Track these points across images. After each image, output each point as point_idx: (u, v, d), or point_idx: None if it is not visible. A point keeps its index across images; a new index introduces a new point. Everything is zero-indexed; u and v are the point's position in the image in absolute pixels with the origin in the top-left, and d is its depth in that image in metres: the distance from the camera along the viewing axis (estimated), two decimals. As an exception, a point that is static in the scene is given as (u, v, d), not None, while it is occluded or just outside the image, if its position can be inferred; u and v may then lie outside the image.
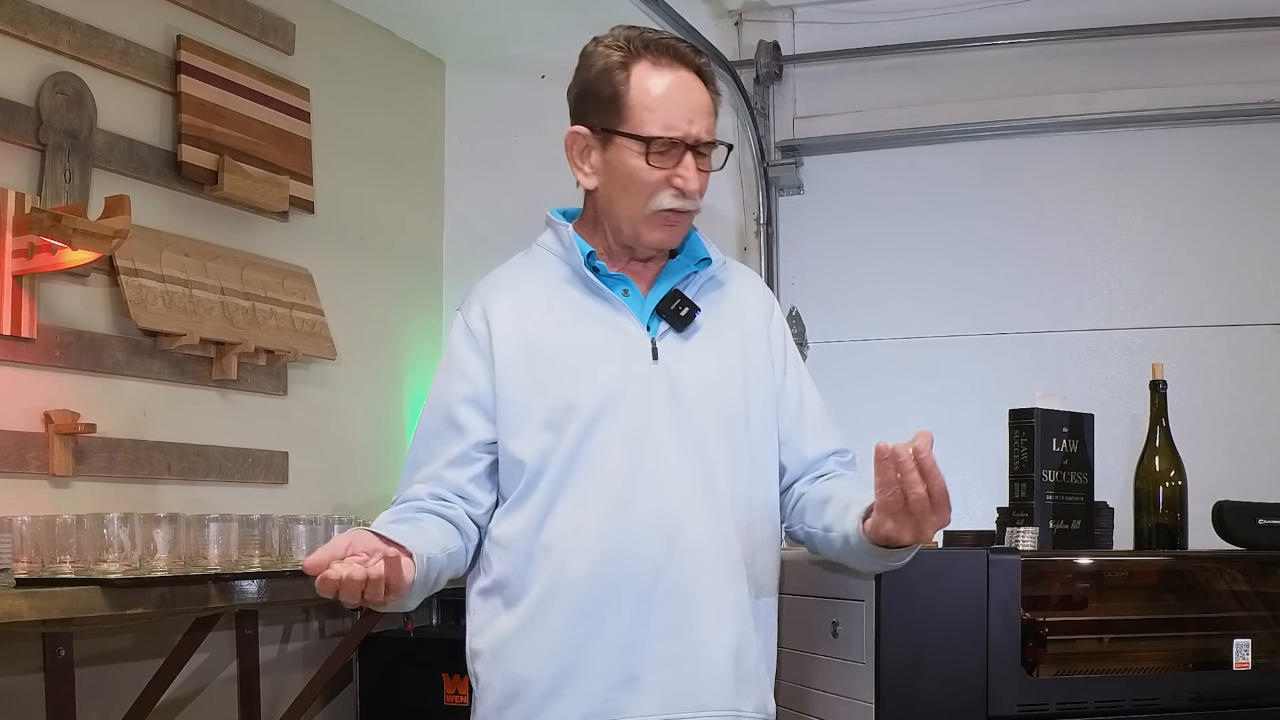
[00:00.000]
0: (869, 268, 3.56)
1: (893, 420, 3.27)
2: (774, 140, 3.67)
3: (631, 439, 1.80)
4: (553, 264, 1.91)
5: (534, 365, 1.84)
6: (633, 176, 1.84)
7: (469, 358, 1.88)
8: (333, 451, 3.57)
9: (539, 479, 1.82)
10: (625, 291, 1.88)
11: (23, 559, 2.26)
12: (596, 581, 1.78)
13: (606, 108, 1.85)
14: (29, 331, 2.70)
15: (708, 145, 1.85)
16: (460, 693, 3.32)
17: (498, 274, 1.96)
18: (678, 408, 1.83)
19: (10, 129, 2.71)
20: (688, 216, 1.87)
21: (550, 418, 1.81)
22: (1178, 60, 3.31)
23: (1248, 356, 3.22)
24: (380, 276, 3.81)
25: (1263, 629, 2.35)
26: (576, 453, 1.80)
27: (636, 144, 1.83)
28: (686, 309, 1.87)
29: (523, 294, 1.90)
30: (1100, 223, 3.39)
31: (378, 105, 3.84)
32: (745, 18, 3.74)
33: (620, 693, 1.77)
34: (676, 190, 1.83)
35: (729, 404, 1.87)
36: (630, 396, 1.82)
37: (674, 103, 1.83)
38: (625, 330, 1.86)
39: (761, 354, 1.94)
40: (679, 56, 1.86)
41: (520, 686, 1.81)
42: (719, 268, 1.95)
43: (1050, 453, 2.49)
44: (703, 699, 1.79)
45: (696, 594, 1.80)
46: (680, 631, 1.79)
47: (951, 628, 2.16)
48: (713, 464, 1.83)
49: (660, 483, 1.80)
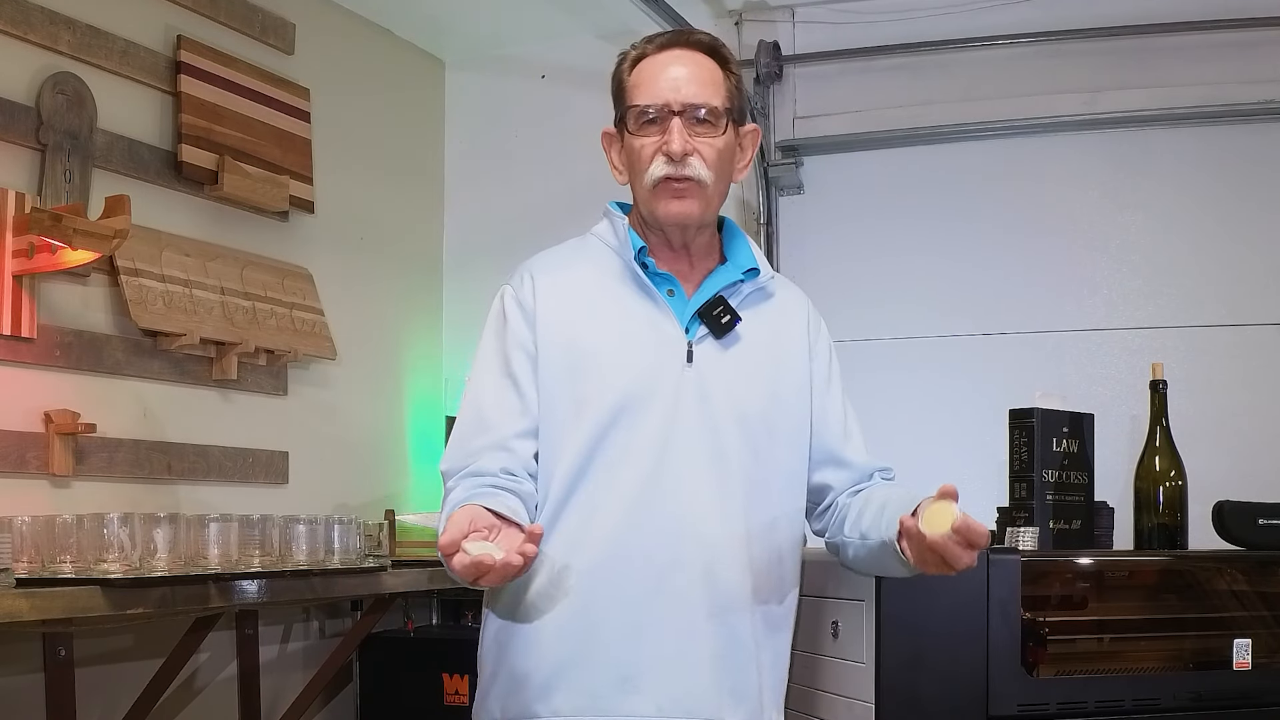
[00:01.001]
0: (869, 267, 3.56)
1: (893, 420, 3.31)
2: (774, 140, 3.67)
3: (655, 439, 1.80)
4: (604, 255, 1.90)
5: (569, 353, 1.83)
6: (633, 154, 1.85)
7: (522, 329, 1.85)
8: (333, 451, 3.57)
9: (554, 471, 1.81)
10: (670, 292, 1.87)
11: (23, 559, 2.26)
12: (601, 577, 1.77)
13: (617, 102, 1.89)
14: (29, 331, 2.70)
15: (708, 112, 1.82)
16: (460, 693, 3.32)
17: (549, 254, 1.94)
18: (705, 413, 1.82)
19: (10, 129, 2.71)
20: (694, 186, 1.82)
21: (574, 409, 1.81)
22: (1178, 60, 3.31)
23: (1248, 356, 3.22)
24: (380, 276, 3.81)
25: (1263, 629, 2.35)
26: (596, 447, 1.79)
27: (630, 120, 1.84)
28: (728, 316, 1.85)
29: (571, 279, 1.89)
30: (1100, 223, 3.39)
31: (378, 105, 3.84)
32: (745, 18, 3.73)
33: (615, 690, 1.77)
34: (665, 156, 1.81)
35: (756, 416, 1.85)
36: (659, 397, 1.81)
37: (659, 74, 1.84)
38: (664, 330, 1.85)
39: (800, 371, 1.92)
40: (678, 38, 1.88)
41: (520, 676, 1.80)
42: (767, 280, 1.93)
43: (1050, 453, 2.49)
44: (688, 704, 1.78)
45: (698, 600, 1.79)
46: (676, 635, 1.78)
47: (951, 628, 2.16)
48: (733, 473, 1.82)
49: (678, 486, 1.79)
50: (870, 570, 1.93)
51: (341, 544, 2.75)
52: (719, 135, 1.84)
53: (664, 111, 1.81)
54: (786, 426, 1.89)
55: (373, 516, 3.36)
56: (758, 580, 1.84)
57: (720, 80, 1.86)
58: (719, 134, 1.84)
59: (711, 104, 1.83)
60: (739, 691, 1.81)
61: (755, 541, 1.84)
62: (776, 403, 1.88)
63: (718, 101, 1.84)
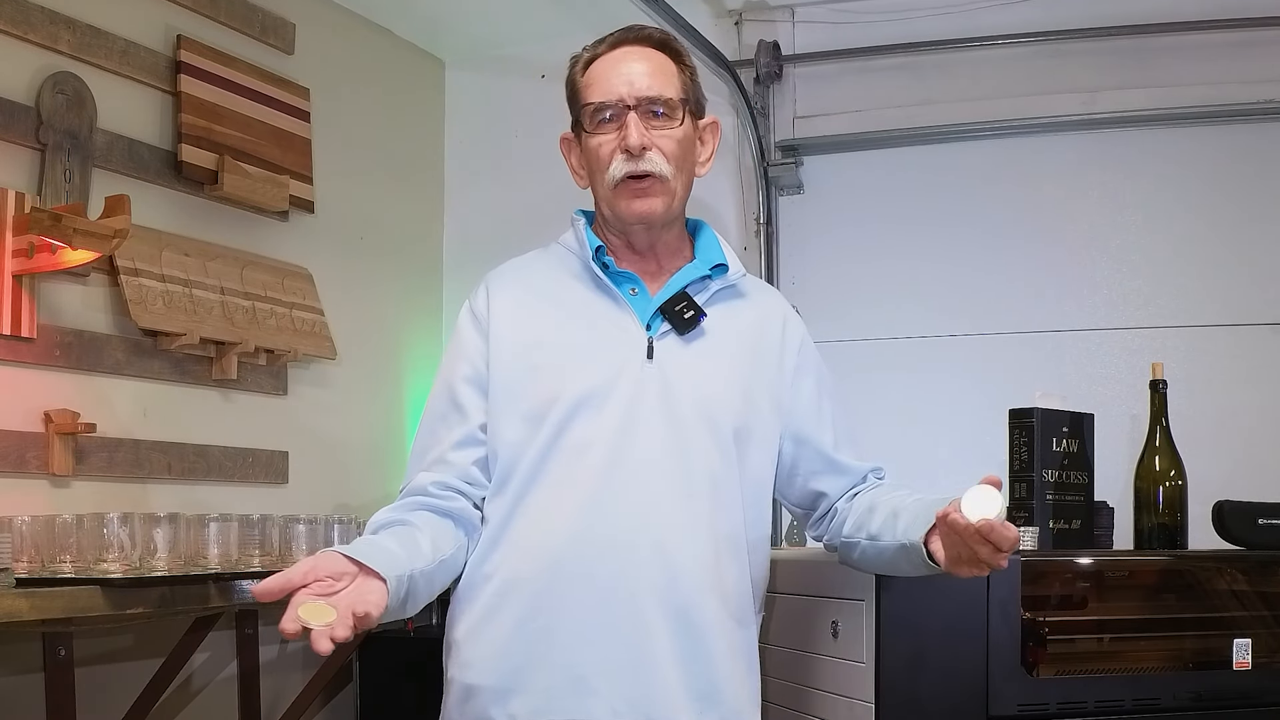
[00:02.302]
0: (869, 267, 3.56)
1: (893, 420, 3.31)
2: (774, 140, 3.67)
3: (613, 434, 1.77)
4: (564, 258, 1.91)
5: (527, 354, 1.82)
6: (591, 154, 1.84)
7: (472, 339, 1.86)
8: (333, 451, 3.57)
9: (514, 469, 1.79)
10: (633, 290, 1.86)
11: (23, 559, 2.26)
12: (555, 577, 1.74)
13: (572, 105, 1.88)
14: (29, 331, 2.70)
15: (663, 104, 1.81)
16: (460, 693, 3.31)
17: (510, 264, 1.95)
18: (668, 409, 1.79)
19: (10, 129, 2.71)
20: (655, 183, 1.81)
21: (533, 408, 1.79)
22: (1178, 60, 3.31)
23: (1248, 356, 3.22)
24: (380, 276, 3.81)
25: (1263, 629, 2.35)
26: (552, 445, 1.77)
27: (586, 120, 1.83)
28: (691, 311, 1.83)
29: (529, 283, 1.89)
30: (1100, 223, 3.39)
31: (378, 105, 3.84)
32: (745, 18, 3.73)
33: (568, 693, 1.73)
34: (624, 153, 1.80)
35: (721, 414, 1.82)
36: (618, 392, 1.78)
37: (612, 71, 1.83)
38: (623, 327, 1.83)
39: (772, 376, 1.89)
40: (628, 35, 1.86)
41: (476, 681, 1.79)
42: (738, 278, 1.91)
43: (1050, 453, 2.49)
44: (649, 709, 1.74)
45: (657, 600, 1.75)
46: (634, 637, 1.74)
47: (951, 628, 2.16)
48: (697, 471, 1.79)
49: (638, 484, 1.76)
50: (878, 569, 1.93)
51: (341, 544, 2.74)
52: (676, 126, 1.82)
53: (619, 107, 1.80)
54: (759, 428, 1.86)
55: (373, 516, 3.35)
56: (723, 579, 1.80)
57: (674, 72, 1.85)
58: (676, 125, 1.82)
59: (666, 95, 1.82)
60: (709, 695, 1.77)
61: (721, 539, 1.80)
62: (746, 400, 1.85)
63: (672, 93, 1.83)
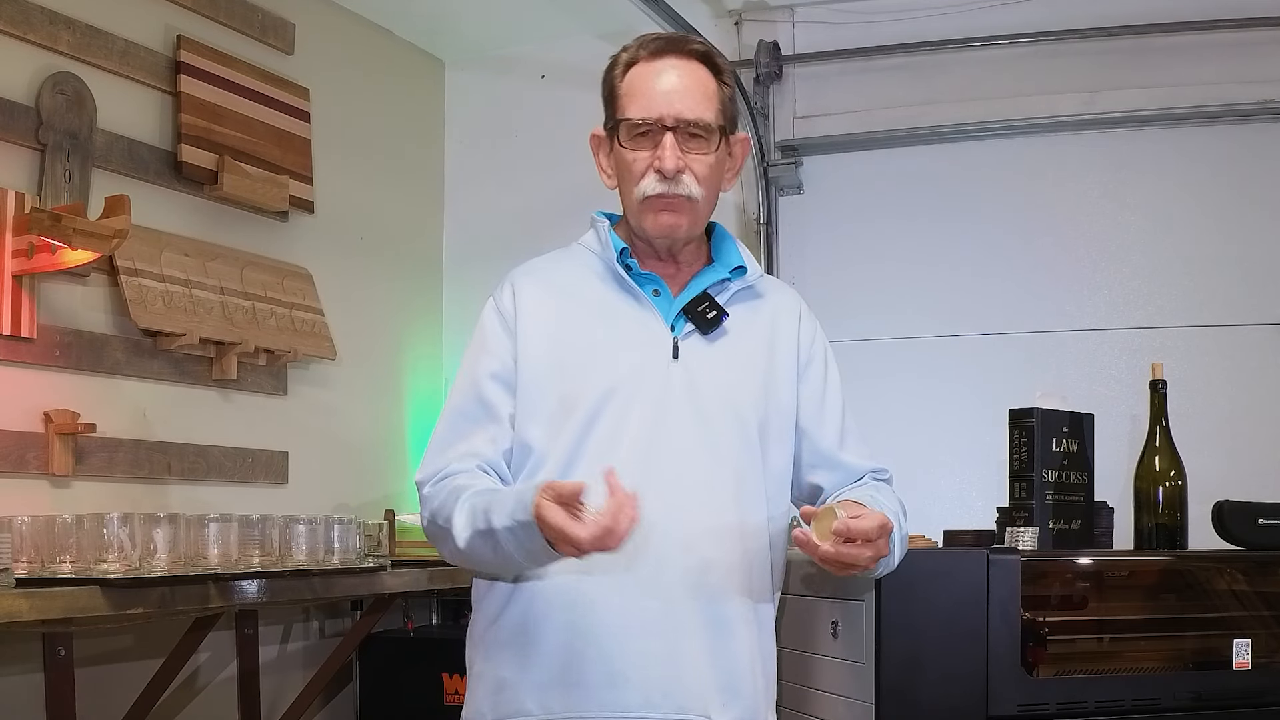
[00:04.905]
0: (869, 267, 3.56)
1: (893, 420, 3.31)
2: (774, 140, 3.68)
3: (643, 432, 1.79)
4: (588, 259, 1.91)
5: (553, 351, 1.83)
6: (624, 166, 1.84)
7: (498, 335, 1.87)
8: (333, 451, 3.57)
9: (542, 465, 1.81)
10: (656, 291, 1.87)
11: (23, 559, 2.26)
12: (587, 570, 1.76)
13: (609, 107, 1.88)
14: (29, 331, 2.70)
15: (701, 128, 1.81)
16: (460, 692, 3.27)
17: (533, 263, 1.95)
18: (695, 407, 1.82)
19: (10, 129, 2.71)
20: (684, 202, 1.82)
21: (560, 405, 1.81)
22: (1178, 60, 3.31)
23: (1247, 356, 3.23)
24: (380, 276, 3.81)
25: (1263, 629, 2.35)
26: (581, 442, 1.79)
27: (622, 132, 1.83)
28: (714, 312, 1.86)
29: (555, 282, 1.89)
30: (1100, 223, 3.39)
31: (378, 105, 3.84)
32: (745, 18, 3.74)
33: (604, 685, 1.76)
34: (657, 174, 1.80)
35: (745, 410, 1.85)
36: (646, 391, 1.81)
37: (652, 86, 1.82)
38: (648, 327, 1.85)
39: (789, 370, 1.91)
40: (671, 45, 1.85)
41: (508, 675, 1.80)
42: (755, 279, 1.93)
43: (1050, 453, 2.49)
44: (682, 700, 1.77)
45: (690, 594, 1.78)
46: (668, 630, 1.77)
47: (951, 628, 2.16)
48: (722, 466, 1.82)
49: (667, 480, 1.78)
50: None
51: (341, 544, 2.75)
52: (711, 152, 1.83)
53: (657, 126, 1.81)
54: (778, 423, 1.89)
55: (372, 516, 3.36)
56: (749, 575, 1.83)
57: (714, 92, 1.84)
58: (711, 151, 1.83)
59: (705, 119, 1.82)
60: (733, 689, 1.80)
61: (748, 536, 1.83)
62: (766, 399, 1.87)
63: (710, 116, 1.82)
